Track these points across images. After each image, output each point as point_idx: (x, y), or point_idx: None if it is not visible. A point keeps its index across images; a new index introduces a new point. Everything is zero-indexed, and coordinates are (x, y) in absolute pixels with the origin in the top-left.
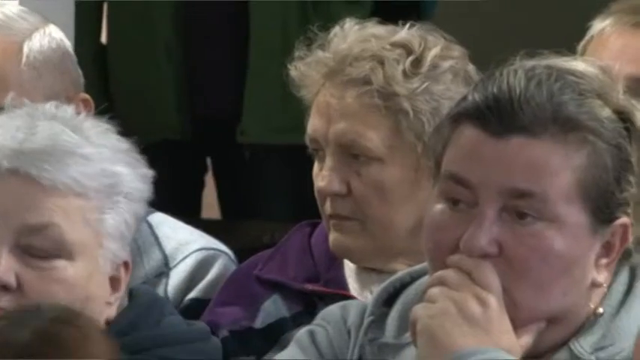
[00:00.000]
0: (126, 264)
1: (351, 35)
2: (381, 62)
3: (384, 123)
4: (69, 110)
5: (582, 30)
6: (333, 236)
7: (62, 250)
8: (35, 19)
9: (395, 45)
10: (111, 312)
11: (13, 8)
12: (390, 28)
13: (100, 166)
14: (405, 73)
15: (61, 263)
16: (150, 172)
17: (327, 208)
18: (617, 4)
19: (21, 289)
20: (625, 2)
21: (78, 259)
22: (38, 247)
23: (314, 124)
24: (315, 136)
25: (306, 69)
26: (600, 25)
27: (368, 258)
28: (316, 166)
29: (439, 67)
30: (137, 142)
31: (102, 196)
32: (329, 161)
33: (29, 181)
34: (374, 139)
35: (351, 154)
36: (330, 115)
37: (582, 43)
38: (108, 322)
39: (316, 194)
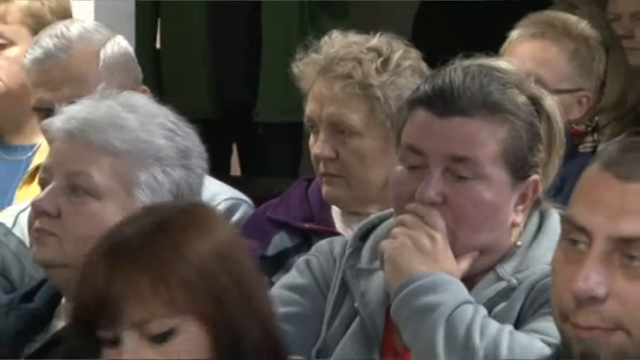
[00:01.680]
0: None
1: (337, 42)
2: (360, 62)
3: (362, 107)
4: (132, 95)
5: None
6: (325, 189)
7: (92, 191)
8: (107, 32)
9: (370, 49)
10: None
11: (90, 24)
12: (365, 36)
13: (135, 134)
14: (377, 69)
15: (91, 200)
16: (190, 144)
17: (320, 168)
18: (526, 18)
19: (60, 217)
20: (531, 17)
21: (106, 201)
22: (77, 186)
23: (310, 108)
24: (311, 116)
25: (304, 67)
26: (513, 34)
27: (350, 205)
28: (312, 138)
29: (401, 65)
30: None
31: (133, 157)
32: (322, 135)
33: (78, 141)
34: (355, 118)
35: (338, 130)
36: (322, 102)
37: (503, 47)
38: None
39: (312, 158)
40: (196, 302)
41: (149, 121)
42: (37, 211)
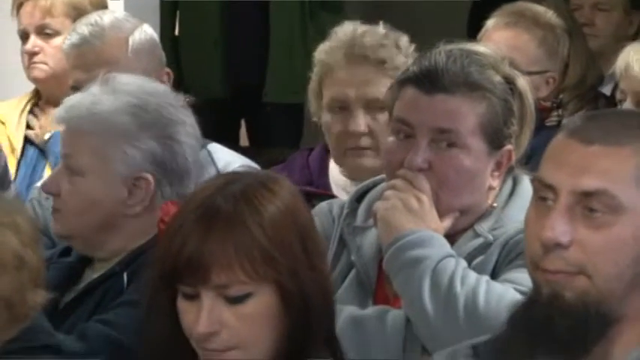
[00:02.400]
0: (143, 182)
1: (353, 31)
2: (383, 46)
3: (388, 84)
4: (123, 80)
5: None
6: (356, 161)
7: (78, 170)
8: (135, 21)
9: (385, 36)
10: (131, 210)
11: (121, 14)
12: (371, 26)
13: (103, 116)
14: (396, 52)
15: (78, 178)
16: (164, 118)
17: (350, 143)
18: (500, 9)
19: (60, 196)
20: (505, 8)
21: (89, 177)
22: (69, 167)
23: (338, 91)
24: (339, 97)
25: (326, 55)
26: (489, 23)
27: (374, 175)
28: (331, 117)
29: (409, 49)
30: (199, 99)
31: (103, 136)
32: (357, 113)
33: (68, 126)
34: (379, 93)
35: (370, 107)
36: (352, 83)
37: (480, 34)
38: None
39: (338, 135)
40: (273, 271)
41: (119, 102)
42: (44, 191)
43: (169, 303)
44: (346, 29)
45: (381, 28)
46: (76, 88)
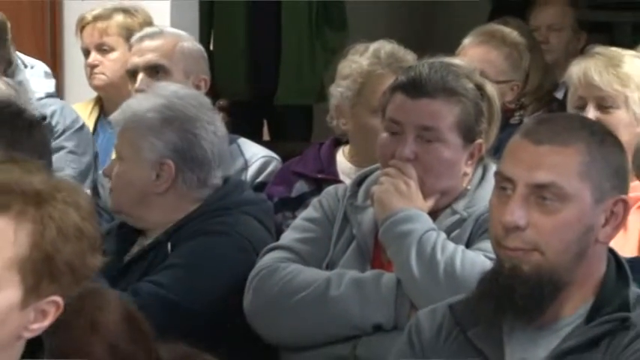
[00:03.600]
0: (166, 167)
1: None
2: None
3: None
4: (161, 86)
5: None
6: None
7: (120, 157)
8: (182, 33)
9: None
10: (159, 189)
11: (171, 29)
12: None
13: (136, 114)
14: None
15: (120, 164)
16: (185, 115)
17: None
18: (475, 30)
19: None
20: (478, 29)
21: (127, 163)
22: (117, 155)
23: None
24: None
25: (350, 68)
26: (465, 41)
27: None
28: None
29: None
30: (228, 101)
31: (135, 130)
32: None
33: (119, 125)
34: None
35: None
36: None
37: (458, 50)
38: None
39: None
40: None
41: (151, 102)
42: (103, 175)
43: None
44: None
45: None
46: (129, 71)
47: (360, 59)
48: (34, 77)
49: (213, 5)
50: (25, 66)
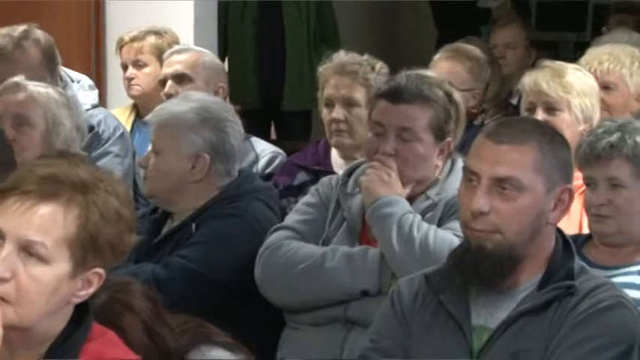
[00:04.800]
0: (201, 158)
1: (343, 56)
2: (361, 65)
3: (362, 90)
4: (192, 93)
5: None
6: (335, 140)
7: (158, 150)
8: (204, 50)
9: (365, 60)
10: (194, 178)
11: (195, 47)
12: (356, 54)
13: (178, 115)
14: (371, 71)
15: (158, 156)
16: (217, 116)
17: (332, 127)
18: (443, 47)
19: (147, 167)
20: (446, 47)
21: (167, 154)
22: (154, 148)
23: (328, 92)
24: (330, 97)
25: (324, 69)
26: (435, 57)
27: (350, 150)
28: (326, 111)
29: (381, 71)
30: (241, 108)
31: (177, 128)
32: (337, 107)
33: (156, 123)
34: (359, 96)
35: (349, 103)
36: (337, 87)
37: (430, 64)
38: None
39: (327, 122)
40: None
41: (187, 106)
42: (139, 165)
43: None
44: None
45: (365, 57)
46: (161, 80)
47: (324, 65)
48: (81, 90)
49: (227, 28)
50: (72, 80)
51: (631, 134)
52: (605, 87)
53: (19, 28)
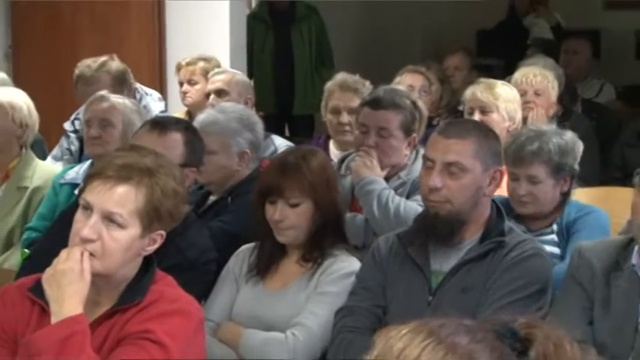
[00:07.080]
0: (245, 154)
1: (342, 76)
2: (357, 83)
3: (356, 99)
4: (227, 105)
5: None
6: (340, 137)
7: (211, 151)
8: (237, 71)
9: (358, 80)
10: (240, 168)
11: (230, 69)
12: (353, 75)
13: (221, 124)
14: (362, 87)
15: (211, 155)
16: (251, 122)
17: (340, 128)
18: (405, 67)
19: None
20: (407, 67)
21: (220, 155)
22: (207, 150)
23: (333, 103)
24: (337, 107)
25: (329, 85)
26: (397, 78)
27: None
28: (331, 115)
29: (368, 88)
30: (263, 113)
31: (223, 134)
32: (343, 115)
33: (202, 131)
34: (353, 105)
35: (350, 112)
36: (339, 100)
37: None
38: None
39: (330, 122)
40: (312, 193)
41: (228, 115)
42: None
43: (261, 206)
44: (341, 75)
45: (356, 77)
46: (207, 94)
47: (328, 84)
48: (152, 101)
49: (252, 56)
50: (147, 94)
51: (547, 142)
52: (536, 93)
53: (100, 60)
